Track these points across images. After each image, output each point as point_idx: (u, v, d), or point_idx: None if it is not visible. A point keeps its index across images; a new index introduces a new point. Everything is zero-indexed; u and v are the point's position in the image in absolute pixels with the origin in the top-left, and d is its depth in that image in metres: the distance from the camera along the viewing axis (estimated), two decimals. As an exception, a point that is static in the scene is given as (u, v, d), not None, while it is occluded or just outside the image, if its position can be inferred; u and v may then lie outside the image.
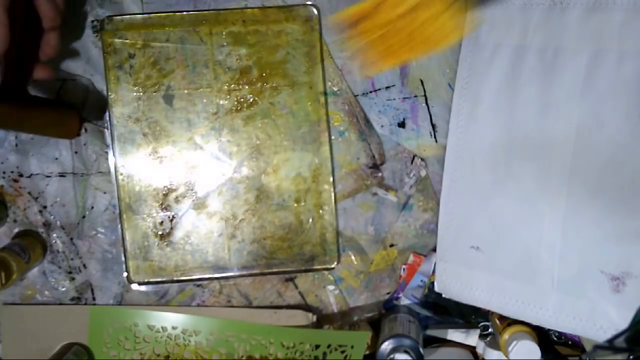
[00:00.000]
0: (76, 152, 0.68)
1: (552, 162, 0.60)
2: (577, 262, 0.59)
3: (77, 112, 0.66)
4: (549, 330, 0.68)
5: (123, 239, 0.69)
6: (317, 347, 0.66)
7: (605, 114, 0.57)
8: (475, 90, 0.65)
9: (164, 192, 0.69)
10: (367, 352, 0.69)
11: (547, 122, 0.60)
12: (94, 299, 0.70)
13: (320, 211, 0.70)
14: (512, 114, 0.63)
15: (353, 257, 0.71)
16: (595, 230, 0.58)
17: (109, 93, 0.67)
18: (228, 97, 0.68)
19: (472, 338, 0.70)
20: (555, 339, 0.69)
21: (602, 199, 0.58)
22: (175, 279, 0.70)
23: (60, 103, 0.66)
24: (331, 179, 0.69)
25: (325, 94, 0.68)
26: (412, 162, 0.70)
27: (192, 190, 0.69)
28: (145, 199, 0.68)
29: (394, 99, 0.69)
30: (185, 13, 0.66)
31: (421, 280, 0.71)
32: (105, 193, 0.69)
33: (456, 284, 0.68)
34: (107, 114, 0.67)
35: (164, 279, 0.70)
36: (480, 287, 0.66)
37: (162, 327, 0.67)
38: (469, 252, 0.66)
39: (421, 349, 0.65)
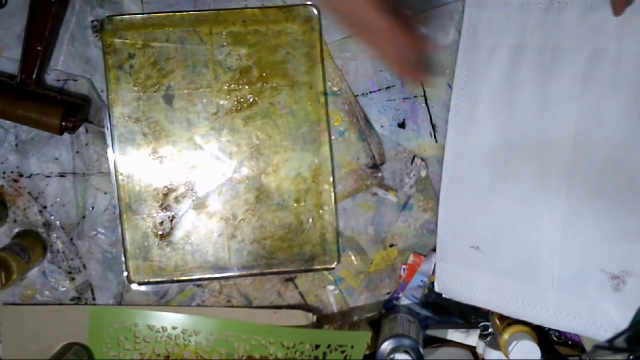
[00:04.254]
0: (78, 152, 0.68)
1: (552, 162, 0.60)
2: (577, 261, 0.59)
3: (62, 110, 0.64)
4: (549, 330, 0.68)
5: (123, 239, 0.69)
6: (317, 347, 0.66)
7: (604, 113, 0.57)
8: (474, 90, 0.65)
9: (164, 192, 0.69)
10: (367, 352, 0.69)
11: (546, 122, 0.60)
12: (94, 299, 0.70)
13: (320, 211, 0.70)
14: (510, 114, 0.63)
15: (353, 257, 0.71)
16: (595, 229, 0.58)
17: (109, 93, 0.67)
18: (228, 97, 0.68)
19: (472, 338, 0.70)
20: (555, 338, 0.69)
21: (601, 198, 0.58)
22: (175, 279, 0.70)
23: (49, 99, 0.65)
24: (331, 179, 0.69)
25: (325, 94, 0.68)
26: (412, 162, 0.70)
27: (192, 190, 0.69)
28: (145, 199, 0.68)
29: (394, 99, 0.69)
30: (185, 13, 0.66)
31: (421, 280, 0.71)
32: (105, 193, 0.69)
33: (456, 283, 0.68)
34: (106, 114, 0.67)
35: (164, 279, 0.70)
36: (480, 287, 0.66)
37: (162, 327, 0.67)
38: (468, 251, 0.66)
39: (421, 349, 0.65)
